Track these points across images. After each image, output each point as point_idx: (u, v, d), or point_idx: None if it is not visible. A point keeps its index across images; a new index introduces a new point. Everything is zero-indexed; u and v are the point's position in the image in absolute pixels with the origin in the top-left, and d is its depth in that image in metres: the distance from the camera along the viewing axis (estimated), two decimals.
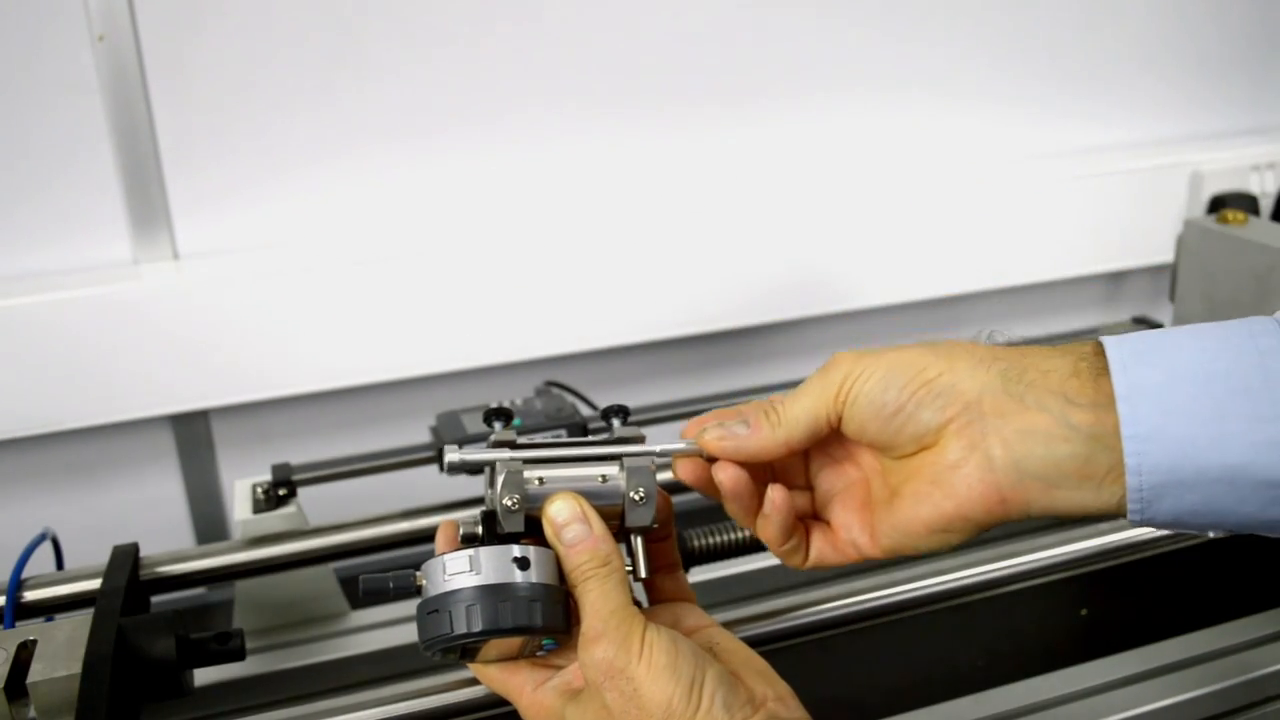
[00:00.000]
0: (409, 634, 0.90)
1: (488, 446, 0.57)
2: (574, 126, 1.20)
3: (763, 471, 0.59)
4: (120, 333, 1.05)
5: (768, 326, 1.30)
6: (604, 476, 0.56)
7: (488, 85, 1.15)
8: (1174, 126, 1.44)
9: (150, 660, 0.62)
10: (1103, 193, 1.34)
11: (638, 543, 0.57)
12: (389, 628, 0.92)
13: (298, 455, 0.97)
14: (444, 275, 1.14)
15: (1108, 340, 0.50)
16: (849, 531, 0.59)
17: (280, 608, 0.92)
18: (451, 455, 0.56)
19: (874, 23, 1.27)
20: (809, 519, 0.61)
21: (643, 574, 0.57)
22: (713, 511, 0.67)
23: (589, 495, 0.55)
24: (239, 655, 0.66)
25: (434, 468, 0.98)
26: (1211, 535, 0.51)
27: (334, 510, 0.85)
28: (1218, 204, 1.33)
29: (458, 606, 0.51)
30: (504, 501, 0.54)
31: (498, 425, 0.59)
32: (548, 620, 0.52)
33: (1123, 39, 1.39)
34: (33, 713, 0.58)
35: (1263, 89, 1.48)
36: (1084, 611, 0.96)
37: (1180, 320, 1.13)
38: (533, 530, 0.55)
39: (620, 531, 0.57)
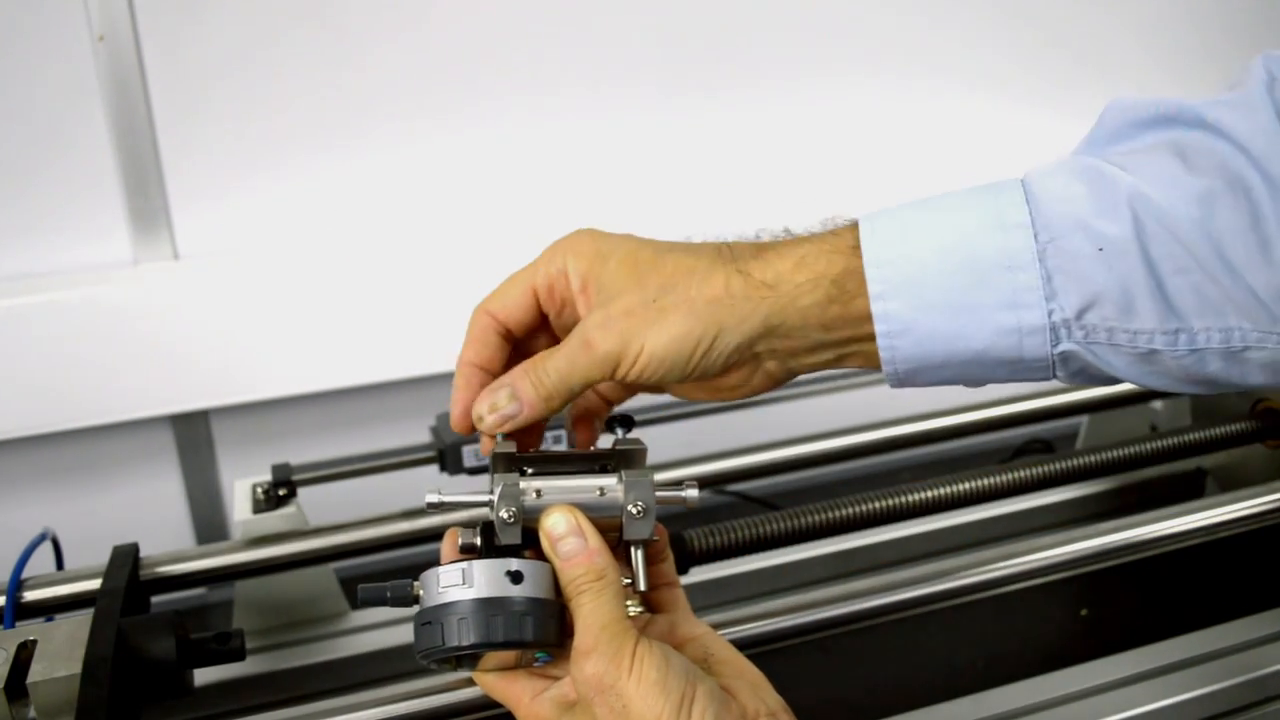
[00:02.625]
0: (409, 634, 0.90)
1: (491, 453, 0.56)
2: (574, 127, 1.20)
3: None
4: (120, 333, 1.05)
5: None
6: (602, 489, 0.56)
7: (488, 89, 1.15)
8: None
9: (150, 660, 0.62)
10: None
11: (638, 555, 0.57)
12: (389, 628, 0.92)
13: (298, 455, 0.96)
14: (444, 275, 1.14)
15: (863, 229, 0.52)
16: None
17: (280, 608, 0.92)
18: (431, 497, 0.56)
19: (871, 24, 1.27)
20: None
21: (642, 586, 0.56)
22: (713, 511, 0.67)
23: (586, 508, 0.55)
24: (239, 655, 0.66)
25: (434, 468, 0.97)
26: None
27: (334, 510, 0.85)
28: None
29: (450, 619, 0.52)
30: (500, 514, 0.54)
31: (498, 435, 0.58)
32: (539, 634, 0.52)
33: (1125, 34, 1.39)
34: (33, 713, 0.58)
35: None
36: (1084, 611, 0.96)
37: None
38: (532, 542, 0.55)
39: (619, 544, 0.57)
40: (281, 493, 0.89)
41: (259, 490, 0.89)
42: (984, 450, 1.19)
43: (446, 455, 0.94)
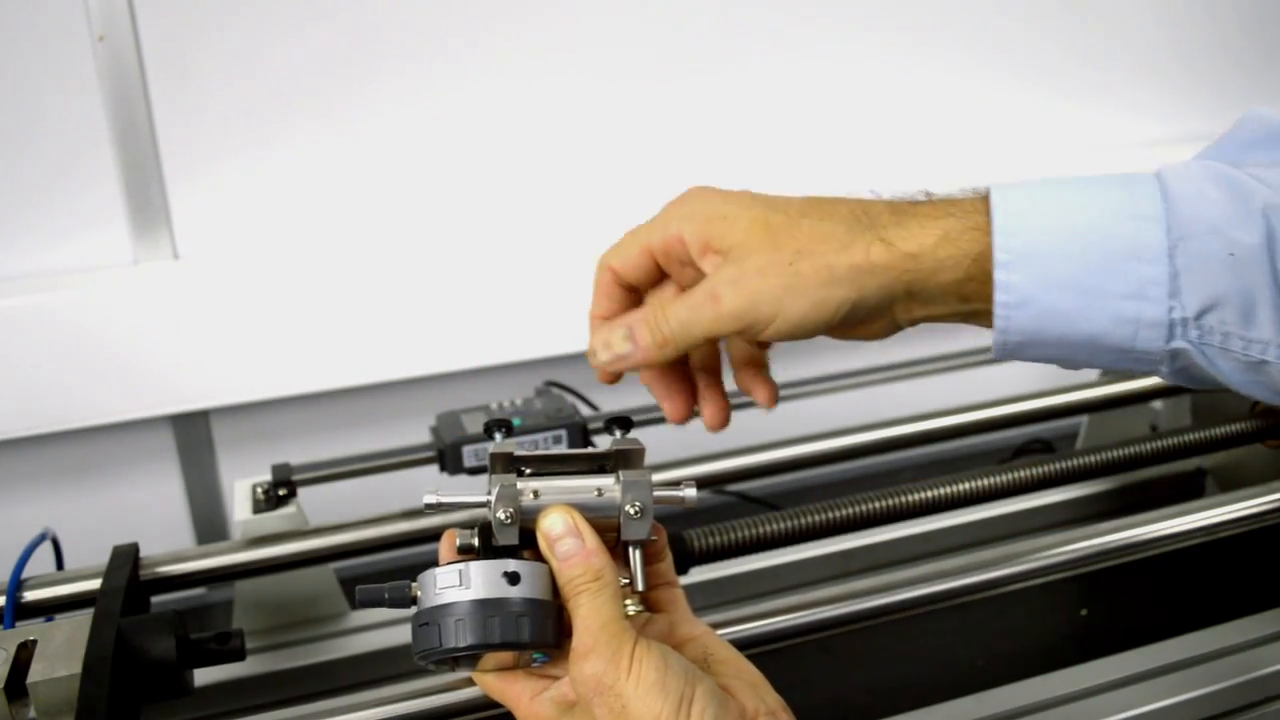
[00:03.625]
0: (408, 634, 0.90)
1: (489, 455, 0.56)
2: (574, 127, 1.20)
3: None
4: (120, 333, 1.05)
5: None
6: (599, 490, 0.56)
7: (488, 88, 1.15)
8: (1172, 127, 1.44)
9: (150, 660, 0.62)
10: None
11: (636, 556, 0.56)
12: (389, 628, 0.92)
13: (298, 455, 0.96)
14: (444, 275, 1.14)
15: (995, 200, 0.52)
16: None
17: (280, 608, 0.92)
18: (429, 498, 0.56)
19: (870, 30, 1.27)
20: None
21: (640, 587, 0.56)
22: (713, 511, 0.67)
23: (584, 508, 0.55)
24: (239, 655, 0.66)
25: (434, 468, 0.97)
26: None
27: (334, 510, 0.85)
28: None
29: (447, 620, 0.52)
30: (497, 515, 0.54)
31: (498, 435, 0.58)
32: (535, 635, 0.52)
33: (1120, 40, 1.39)
34: (33, 713, 0.58)
35: (1261, 90, 1.48)
36: (1084, 611, 0.96)
37: None
38: (530, 542, 0.55)
39: (617, 544, 0.56)
40: (281, 493, 0.89)
41: (259, 490, 0.89)
42: (984, 450, 1.20)
43: (446, 455, 0.94)
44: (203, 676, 0.78)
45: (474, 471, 0.93)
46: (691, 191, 0.59)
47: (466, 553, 0.55)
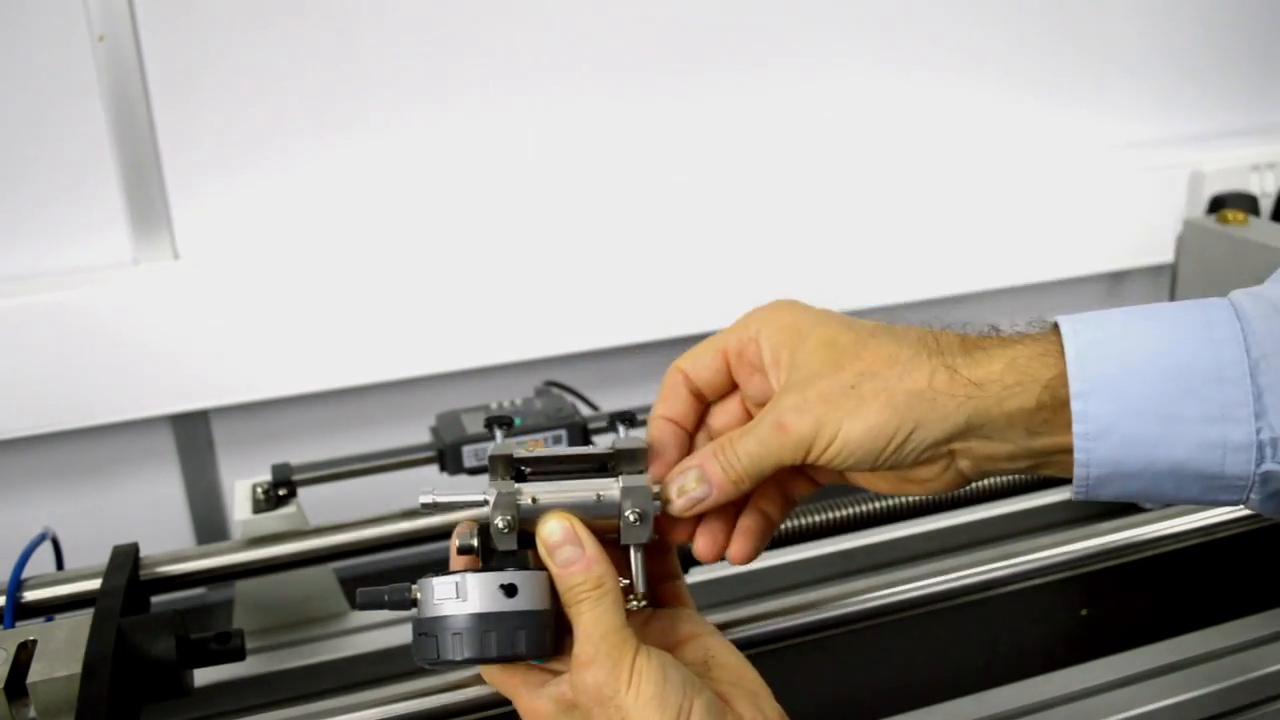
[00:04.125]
0: (408, 634, 0.90)
1: (489, 455, 0.56)
2: (574, 128, 1.20)
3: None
4: (120, 333, 1.05)
5: None
6: (599, 495, 0.55)
7: (487, 88, 1.15)
8: (1174, 126, 1.44)
9: (150, 660, 0.62)
10: (1103, 193, 1.35)
11: (636, 558, 0.56)
12: (389, 628, 0.92)
13: (298, 455, 0.96)
14: (444, 275, 1.14)
15: (1065, 331, 0.51)
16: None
17: (280, 608, 0.92)
18: (425, 497, 0.55)
19: (868, 25, 1.27)
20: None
21: (640, 589, 0.56)
22: None
23: (584, 513, 0.55)
24: (239, 655, 0.66)
25: (434, 468, 0.98)
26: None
27: (334, 510, 0.85)
28: (1218, 204, 1.33)
29: (444, 634, 0.52)
30: (495, 523, 0.54)
31: (499, 434, 0.58)
32: (532, 648, 0.52)
33: (1122, 39, 1.39)
34: (33, 713, 0.58)
35: (1262, 89, 1.48)
36: (1084, 611, 0.96)
37: None
38: (530, 543, 0.55)
39: (618, 543, 0.56)
40: (281, 493, 0.89)
41: (259, 490, 0.89)
42: None
43: (446, 455, 0.94)
44: (203, 676, 0.78)
45: (474, 472, 0.93)
46: (777, 301, 0.59)
47: (466, 553, 0.55)
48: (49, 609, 0.72)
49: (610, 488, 0.56)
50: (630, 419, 0.59)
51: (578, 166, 1.21)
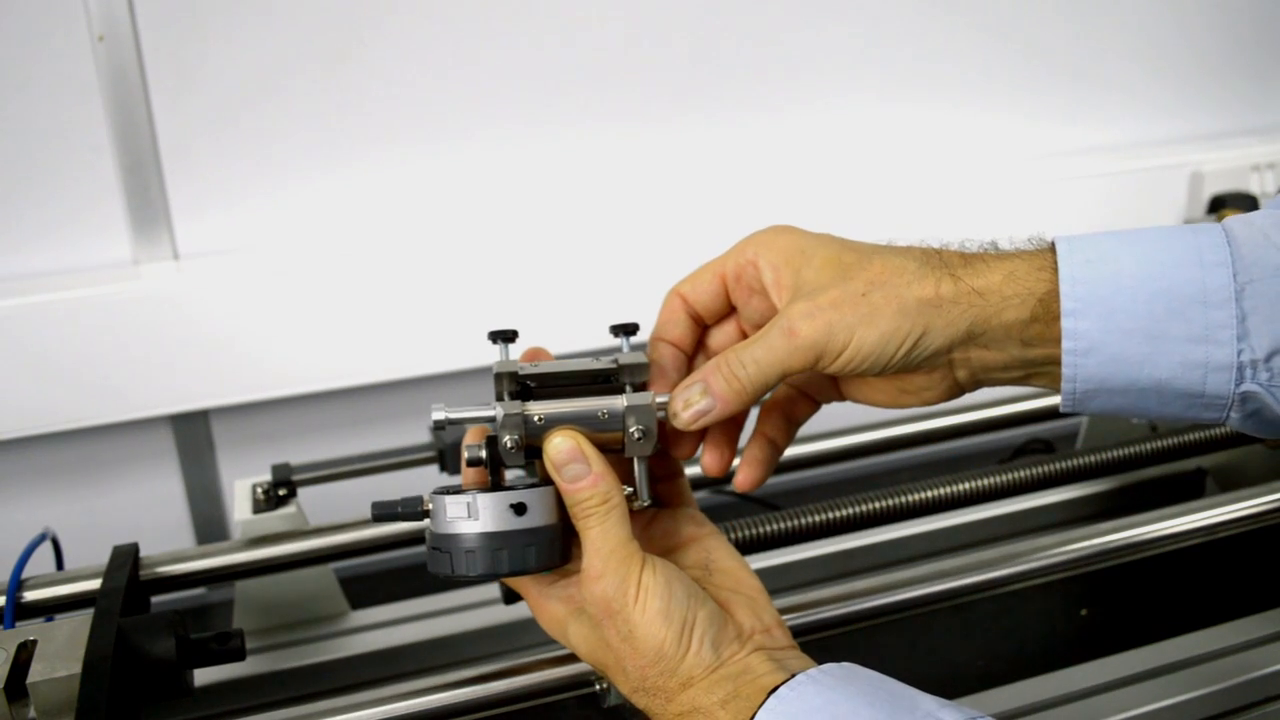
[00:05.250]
0: (409, 634, 0.91)
1: (493, 373, 0.57)
2: (573, 129, 1.20)
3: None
4: (120, 333, 1.04)
5: None
6: (604, 412, 0.56)
7: (487, 89, 1.15)
8: (1174, 126, 1.44)
9: (150, 660, 0.62)
10: (1103, 193, 1.35)
11: (640, 467, 0.58)
12: (389, 628, 0.92)
13: (298, 455, 0.96)
14: (444, 275, 1.14)
15: (1061, 249, 0.53)
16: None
17: (280, 608, 0.92)
18: (438, 413, 0.56)
19: (870, 25, 1.27)
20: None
21: (645, 500, 0.58)
22: (713, 512, 0.67)
23: (589, 428, 0.56)
24: (239, 655, 0.66)
25: (434, 468, 0.98)
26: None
27: (334, 510, 0.85)
28: (1218, 204, 1.33)
29: (458, 551, 0.54)
30: (503, 442, 0.55)
31: (500, 346, 0.59)
32: (542, 562, 0.55)
33: (1122, 39, 1.39)
34: (33, 713, 0.58)
35: (1263, 89, 1.48)
36: (1084, 611, 0.96)
37: None
38: (539, 454, 0.56)
39: (622, 452, 0.58)
40: (281, 493, 0.89)
41: (259, 490, 0.89)
42: (984, 450, 1.19)
43: (446, 455, 0.94)
44: (203, 676, 0.78)
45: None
46: (773, 226, 0.60)
47: (475, 464, 0.57)
48: (49, 609, 0.72)
49: (615, 404, 0.57)
50: (632, 330, 0.60)
51: (578, 167, 1.21)
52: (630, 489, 0.57)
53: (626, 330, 0.60)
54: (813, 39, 1.25)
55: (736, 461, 0.64)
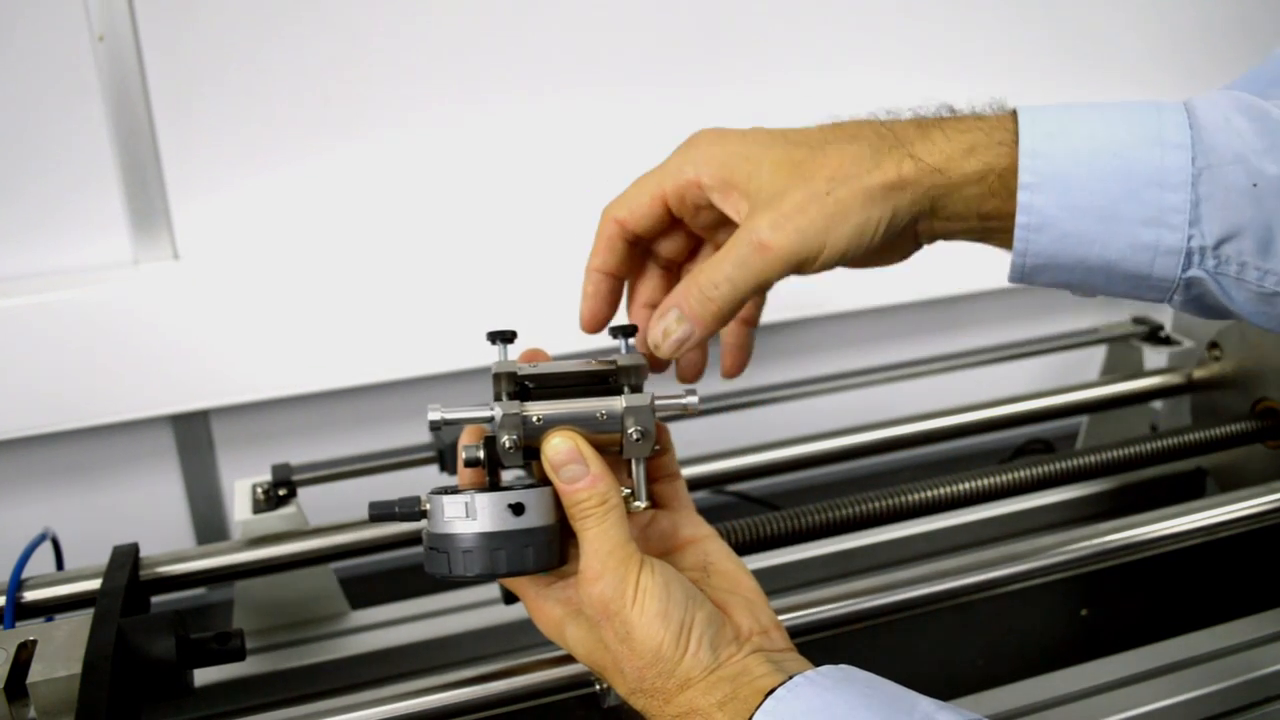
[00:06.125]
0: (409, 634, 0.91)
1: (492, 373, 0.57)
2: (572, 129, 1.20)
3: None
4: (120, 333, 1.04)
5: (768, 327, 1.29)
6: (603, 413, 0.56)
7: (487, 89, 1.15)
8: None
9: (150, 660, 0.62)
10: None
11: (638, 469, 0.58)
12: (389, 628, 0.92)
13: (298, 455, 0.96)
14: (444, 275, 1.14)
15: (1023, 120, 0.53)
16: None
17: (280, 608, 0.92)
18: (434, 414, 0.56)
19: (864, 11, 1.26)
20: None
21: (643, 501, 0.58)
22: (713, 511, 0.67)
23: (587, 428, 0.56)
24: (239, 655, 0.66)
25: (434, 468, 0.98)
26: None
27: (334, 510, 0.85)
28: None
29: (455, 551, 0.54)
30: (502, 442, 0.55)
31: (499, 346, 0.59)
32: (540, 562, 0.55)
33: (1120, 36, 1.39)
34: (33, 713, 0.58)
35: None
36: (1084, 611, 0.96)
37: (1180, 325, 1.13)
38: (536, 455, 0.56)
39: (620, 452, 0.58)
40: (281, 493, 0.89)
41: (259, 490, 0.89)
42: (984, 450, 1.19)
43: (446, 455, 0.94)
44: (203, 676, 0.78)
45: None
46: (703, 133, 0.58)
47: (473, 465, 0.57)
48: (49, 609, 0.72)
49: (613, 405, 0.57)
50: (631, 332, 0.60)
51: (579, 167, 1.21)
52: (628, 490, 0.57)
53: (625, 332, 0.59)
54: (798, 40, 1.25)
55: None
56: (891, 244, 0.56)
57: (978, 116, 0.55)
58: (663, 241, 0.62)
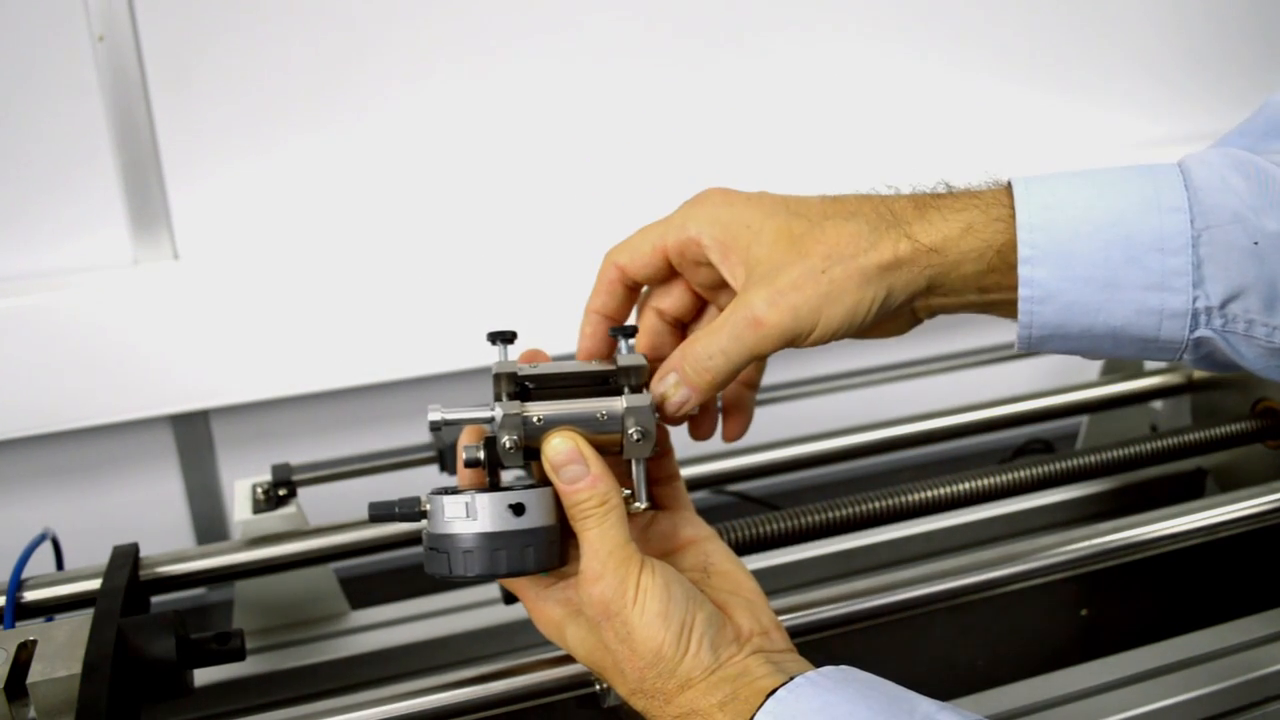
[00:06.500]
0: (409, 634, 0.90)
1: (492, 373, 0.57)
2: (571, 129, 1.20)
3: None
4: (120, 333, 1.05)
5: None
6: (603, 414, 0.56)
7: (488, 87, 1.15)
8: (1171, 126, 1.44)
9: (150, 660, 0.62)
10: None
11: (639, 470, 0.58)
12: (389, 628, 0.92)
13: (298, 455, 0.96)
14: (444, 275, 1.14)
15: (1017, 193, 0.53)
16: None
17: (280, 608, 0.92)
18: (434, 414, 0.56)
19: (866, 27, 1.27)
20: None
21: (643, 502, 0.58)
22: (713, 511, 0.67)
23: (588, 429, 0.56)
24: (239, 655, 0.66)
25: (434, 468, 0.98)
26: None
27: (334, 510, 0.85)
28: None
29: (456, 551, 0.54)
30: (502, 442, 0.55)
31: (499, 347, 0.59)
32: (540, 563, 0.55)
33: (1119, 39, 1.39)
34: (33, 713, 0.58)
35: (1260, 89, 1.48)
36: (1084, 611, 0.96)
37: None
38: (536, 456, 0.56)
39: (620, 453, 0.58)
40: (281, 493, 0.89)
41: (259, 490, 0.89)
42: (984, 450, 1.19)
43: (446, 455, 0.94)
44: (203, 676, 0.78)
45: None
46: (709, 193, 0.59)
47: (473, 465, 0.57)
48: (49, 609, 0.72)
49: (614, 405, 0.57)
50: (631, 331, 0.60)
51: (580, 167, 1.21)
52: (628, 491, 0.57)
53: (625, 333, 0.59)
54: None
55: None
56: (889, 319, 0.56)
57: (972, 193, 0.55)
58: (661, 295, 0.63)
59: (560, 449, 0.55)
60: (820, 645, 0.69)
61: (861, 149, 1.31)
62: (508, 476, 0.59)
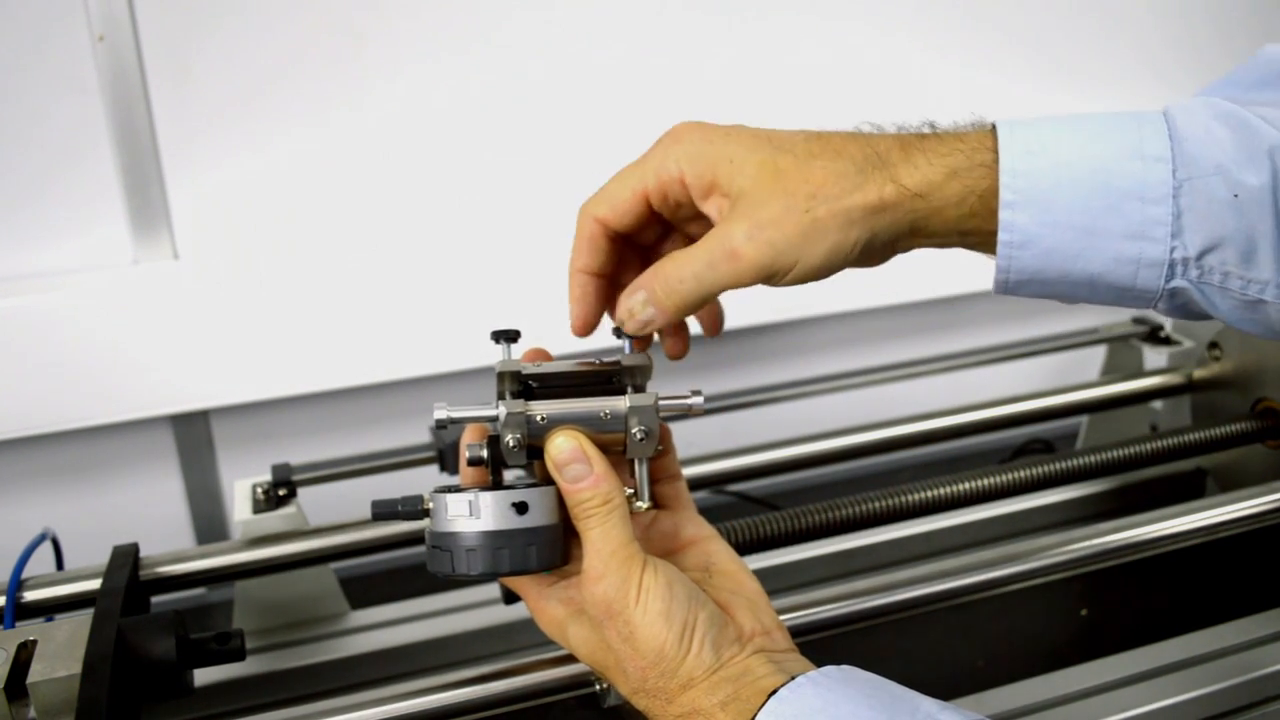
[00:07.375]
0: (409, 634, 0.90)
1: (496, 372, 0.57)
2: (571, 129, 1.20)
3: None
4: (120, 333, 1.05)
5: (768, 327, 1.30)
6: (607, 413, 0.56)
7: (488, 89, 1.15)
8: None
9: (150, 660, 0.62)
10: None
11: (641, 469, 0.58)
12: (389, 628, 0.92)
13: (298, 455, 0.96)
14: (444, 275, 1.14)
15: (1001, 136, 0.52)
16: None
17: (280, 608, 0.92)
18: (440, 412, 0.56)
19: (861, 21, 1.27)
20: None
21: (646, 501, 0.58)
22: (713, 511, 0.67)
23: (591, 428, 0.56)
24: (239, 655, 0.66)
25: (434, 468, 0.98)
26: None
27: (334, 510, 0.85)
28: None
29: (458, 549, 0.54)
30: (506, 441, 0.55)
31: (503, 345, 0.58)
32: (543, 562, 0.55)
33: (1116, 37, 1.39)
34: (33, 713, 0.58)
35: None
36: (1084, 611, 0.96)
37: (1180, 325, 1.13)
38: (539, 454, 0.56)
39: (623, 452, 0.58)
40: (281, 493, 0.89)
41: (259, 490, 0.89)
42: (984, 450, 1.20)
43: (446, 455, 0.94)
44: (203, 676, 0.78)
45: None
46: (685, 127, 0.57)
47: (475, 464, 0.57)
48: (49, 609, 0.72)
49: (617, 405, 0.57)
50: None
51: (582, 165, 1.21)
52: (631, 490, 0.57)
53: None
54: (792, 55, 1.25)
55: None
56: (870, 256, 0.56)
57: (958, 135, 0.54)
58: (643, 234, 0.61)
59: (564, 448, 0.55)
60: (821, 645, 0.69)
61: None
62: (509, 475, 0.59)
